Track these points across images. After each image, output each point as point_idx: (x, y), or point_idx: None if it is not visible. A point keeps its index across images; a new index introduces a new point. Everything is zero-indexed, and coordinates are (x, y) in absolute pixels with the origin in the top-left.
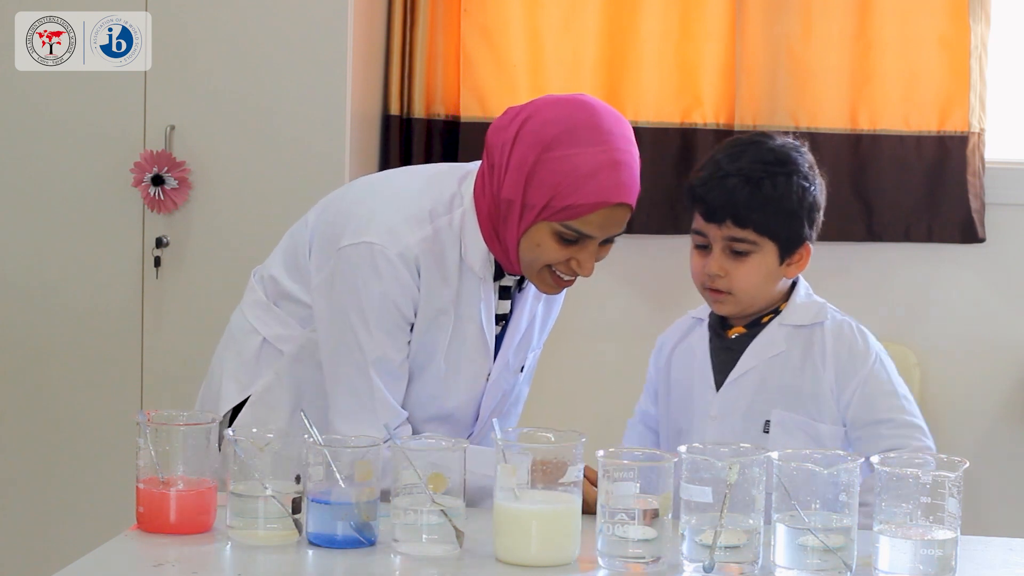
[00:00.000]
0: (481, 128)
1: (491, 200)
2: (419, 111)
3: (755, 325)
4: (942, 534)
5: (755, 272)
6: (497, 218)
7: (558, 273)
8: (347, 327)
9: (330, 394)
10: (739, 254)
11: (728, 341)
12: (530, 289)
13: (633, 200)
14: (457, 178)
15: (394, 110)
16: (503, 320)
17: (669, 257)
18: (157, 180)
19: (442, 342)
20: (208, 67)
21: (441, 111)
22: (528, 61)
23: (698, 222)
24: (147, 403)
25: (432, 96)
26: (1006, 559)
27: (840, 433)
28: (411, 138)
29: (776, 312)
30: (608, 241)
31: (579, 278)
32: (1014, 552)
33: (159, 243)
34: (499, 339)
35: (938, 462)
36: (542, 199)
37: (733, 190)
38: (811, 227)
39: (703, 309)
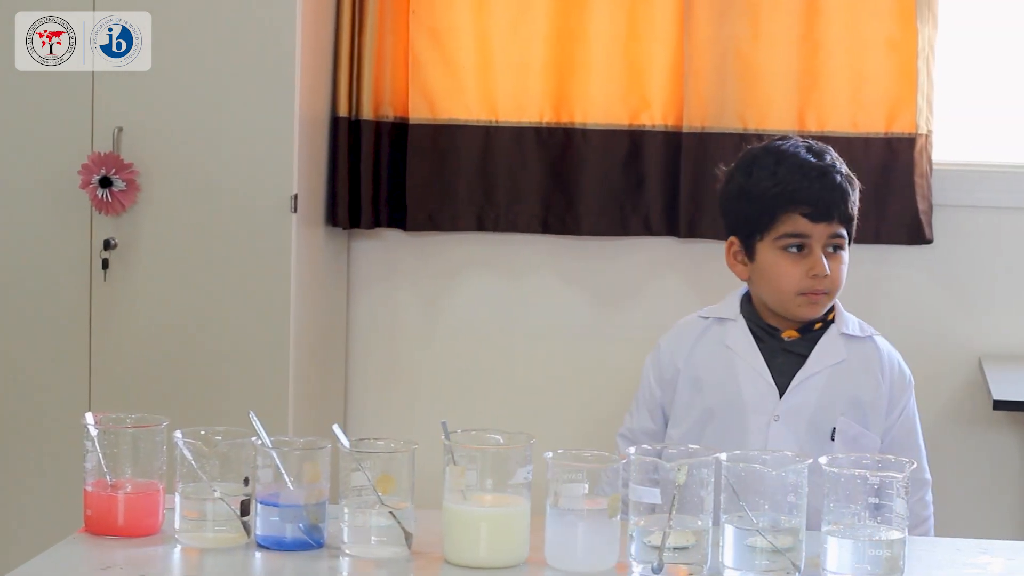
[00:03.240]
0: (429, 130)
1: None
2: (367, 113)
3: (807, 331)
4: (890, 535)
5: (845, 267)
6: None
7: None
8: None
9: None
10: (836, 250)
11: (784, 343)
12: None
13: None
14: None
15: (342, 112)
16: None
17: (617, 259)
18: (105, 182)
19: None
20: (155, 69)
21: (389, 113)
22: (476, 63)
23: (797, 224)
24: (95, 406)
25: (380, 98)
26: (953, 559)
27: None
28: (359, 140)
29: (825, 320)
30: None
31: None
32: (961, 552)
33: (107, 245)
34: None
35: (886, 463)
36: None
37: (838, 188)
38: None
39: (714, 308)
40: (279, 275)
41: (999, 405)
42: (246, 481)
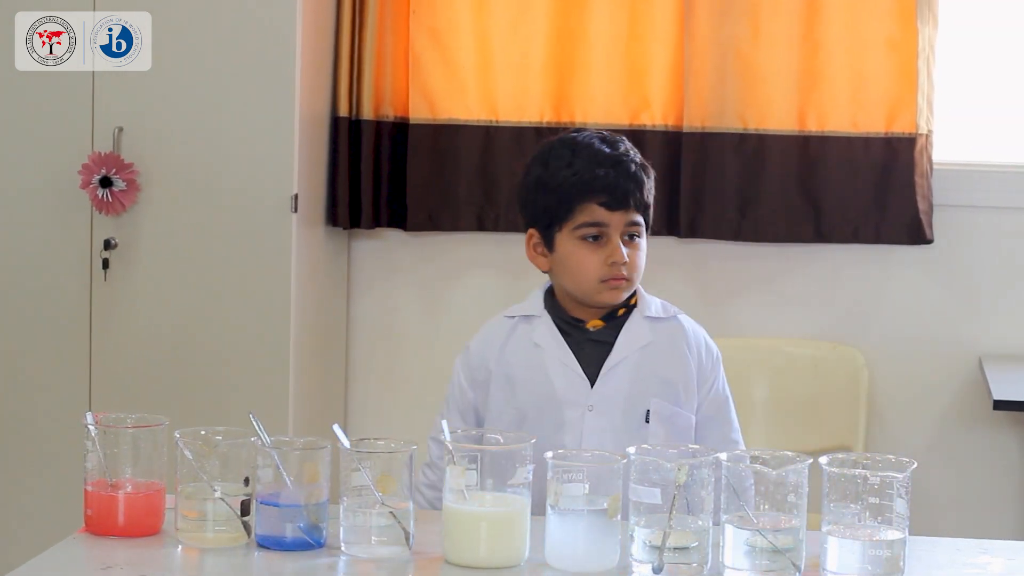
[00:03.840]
0: (429, 130)
1: None
2: (368, 113)
3: (611, 318)
4: (890, 535)
5: (643, 253)
6: None
7: None
8: None
9: None
10: (633, 238)
11: (589, 334)
12: None
13: None
14: None
15: (343, 112)
16: None
17: None
18: (105, 182)
19: None
20: (155, 69)
21: (390, 113)
22: (476, 63)
23: (595, 214)
24: (95, 406)
25: (381, 98)
26: (953, 559)
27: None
28: (360, 140)
29: (628, 306)
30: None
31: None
32: (961, 552)
33: (107, 245)
34: None
35: (886, 463)
36: None
37: (632, 176)
38: None
39: (518, 307)
40: (279, 275)
41: (999, 405)
42: (246, 481)
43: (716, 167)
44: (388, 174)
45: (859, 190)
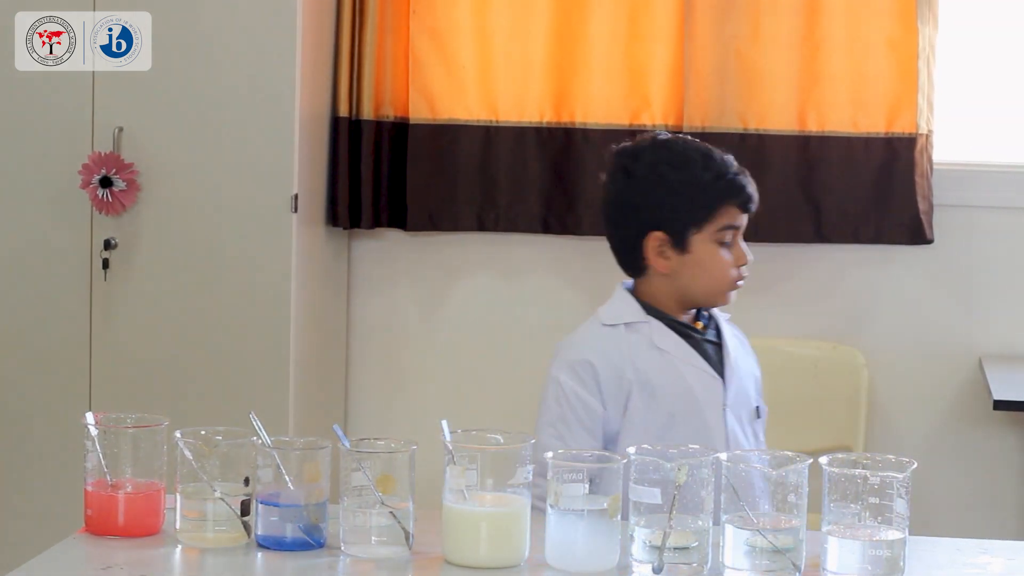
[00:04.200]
0: (429, 130)
1: None
2: (368, 113)
3: (703, 320)
4: (890, 535)
5: None
6: None
7: None
8: None
9: None
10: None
11: (703, 334)
12: None
13: None
14: None
15: (343, 112)
16: None
17: None
18: (105, 182)
19: None
20: (155, 69)
21: (390, 113)
22: (477, 63)
23: (735, 216)
24: (95, 406)
25: (381, 98)
26: (953, 559)
27: None
28: (360, 140)
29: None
30: None
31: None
32: (962, 552)
33: (107, 245)
34: None
35: (886, 463)
36: None
37: (751, 179)
38: None
39: (609, 315)
40: (279, 275)
41: (999, 405)
42: (246, 481)
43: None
44: (388, 174)
45: (859, 190)
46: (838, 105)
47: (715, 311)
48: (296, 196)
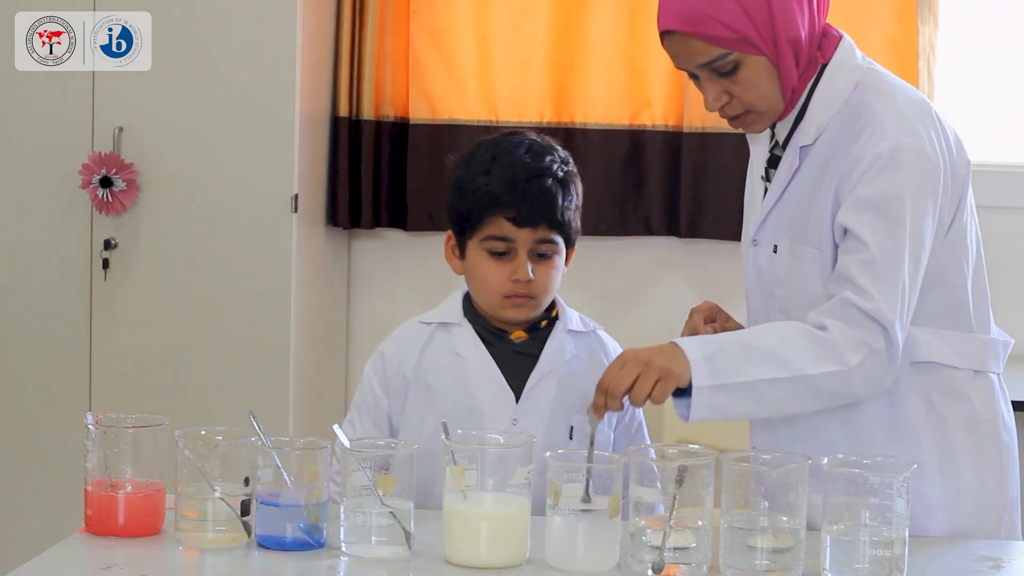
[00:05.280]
0: (429, 130)
1: None
2: (368, 113)
3: (533, 330)
4: (890, 534)
5: (556, 273)
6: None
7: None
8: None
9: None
10: (544, 256)
11: (513, 345)
12: None
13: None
14: None
15: (343, 112)
16: None
17: (618, 259)
18: (105, 182)
19: None
20: (155, 69)
21: (390, 113)
22: (477, 63)
23: (504, 228)
24: (95, 406)
25: (381, 98)
26: (954, 559)
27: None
28: (360, 139)
29: (549, 318)
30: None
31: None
32: (961, 552)
33: (107, 245)
34: None
35: (886, 463)
36: None
37: (546, 192)
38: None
39: (435, 313)
40: (279, 275)
41: None
42: (246, 481)
43: (716, 167)
44: (388, 174)
45: None
46: None
47: (565, 324)
48: (296, 196)
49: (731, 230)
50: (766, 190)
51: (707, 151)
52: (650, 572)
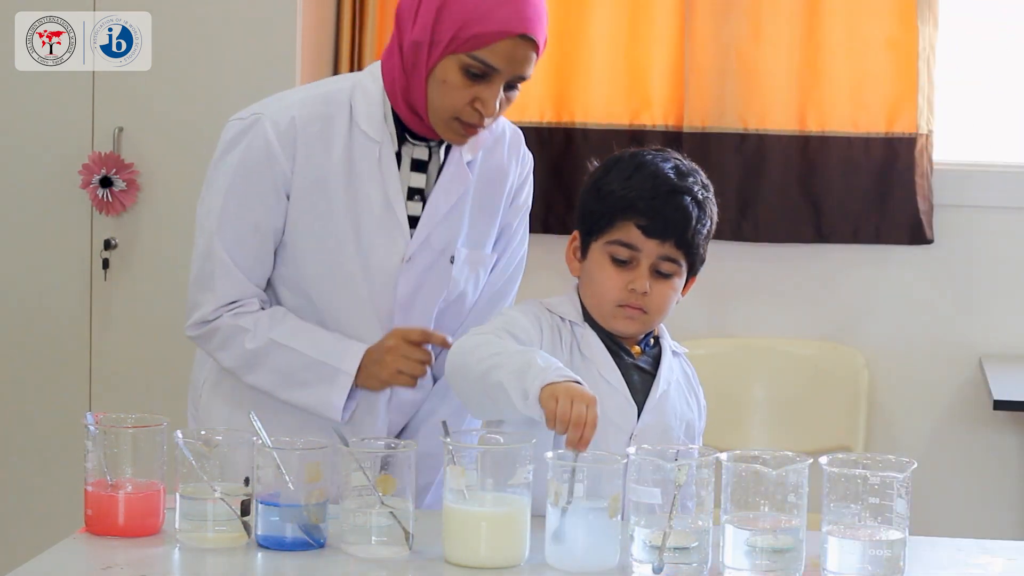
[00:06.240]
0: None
1: (399, 55)
2: None
3: (645, 347)
4: (891, 535)
5: (673, 294)
6: (406, 68)
7: (464, 120)
8: (204, 195)
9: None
10: (663, 276)
11: (635, 359)
12: (449, 167)
13: (538, 35)
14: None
15: None
16: (422, 196)
17: None
18: (105, 182)
19: (338, 212)
20: (155, 69)
21: None
22: None
23: (631, 234)
24: (95, 406)
25: None
26: (954, 559)
27: None
28: None
29: (654, 337)
30: (513, 87)
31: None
32: (962, 552)
33: (107, 245)
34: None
35: (886, 463)
36: (450, 31)
37: (682, 209)
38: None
39: (553, 303)
40: None
41: (999, 405)
42: (246, 481)
43: (716, 167)
44: None
45: (859, 190)
46: (838, 105)
47: (669, 344)
48: None
49: (730, 230)
50: None
51: (708, 151)
52: (650, 572)
